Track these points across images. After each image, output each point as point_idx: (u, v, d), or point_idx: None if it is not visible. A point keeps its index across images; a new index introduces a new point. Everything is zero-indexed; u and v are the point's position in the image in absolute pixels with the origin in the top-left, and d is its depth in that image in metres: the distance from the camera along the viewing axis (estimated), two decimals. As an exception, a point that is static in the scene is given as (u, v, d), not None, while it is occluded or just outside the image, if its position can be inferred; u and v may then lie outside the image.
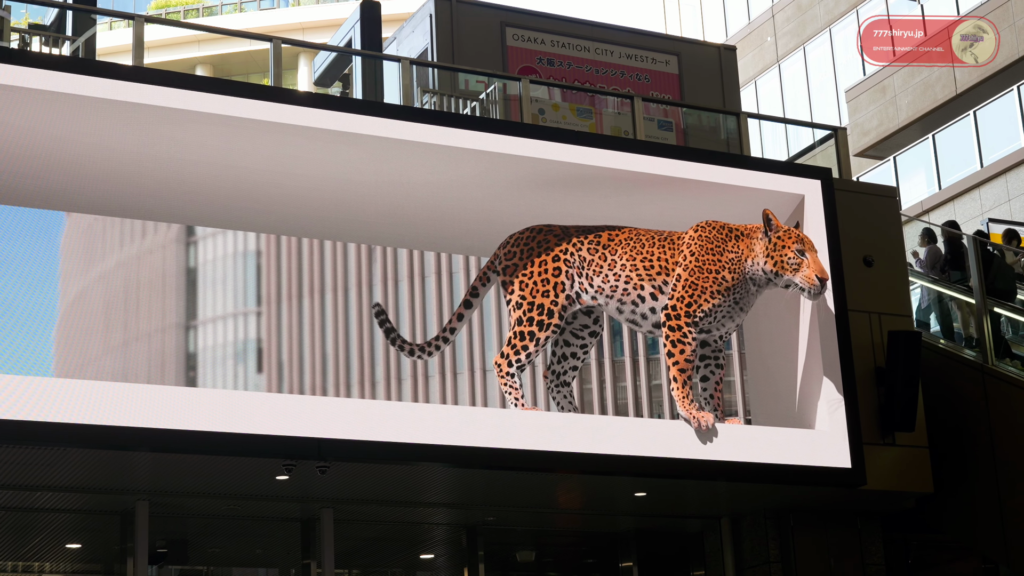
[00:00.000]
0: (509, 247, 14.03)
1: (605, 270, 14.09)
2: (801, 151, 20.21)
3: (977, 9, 28.54)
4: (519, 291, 13.95)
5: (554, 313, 13.95)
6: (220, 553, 16.84)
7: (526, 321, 13.88)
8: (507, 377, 13.75)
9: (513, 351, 13.83)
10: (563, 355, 14.19)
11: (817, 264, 14.04)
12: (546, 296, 13.96)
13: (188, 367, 12.93)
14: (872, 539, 16.29)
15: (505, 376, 13.74)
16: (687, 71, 18.99)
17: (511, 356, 13.82)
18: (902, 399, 15.32)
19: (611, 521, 17.06)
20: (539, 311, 13.92)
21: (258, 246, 13.31)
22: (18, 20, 17.39)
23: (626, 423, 14.16)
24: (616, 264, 14.12)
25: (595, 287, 14.12)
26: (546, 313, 13.92)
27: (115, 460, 12.84)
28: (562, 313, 14.03)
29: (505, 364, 13.79)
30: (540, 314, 13.91)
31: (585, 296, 14.12)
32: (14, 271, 12.21)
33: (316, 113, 13.47)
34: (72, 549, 15.75)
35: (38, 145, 12.30)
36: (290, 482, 13.69)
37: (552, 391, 14.09)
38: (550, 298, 13.97)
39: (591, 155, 14.54)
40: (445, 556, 17.51)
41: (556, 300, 14.00)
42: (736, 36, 37.27)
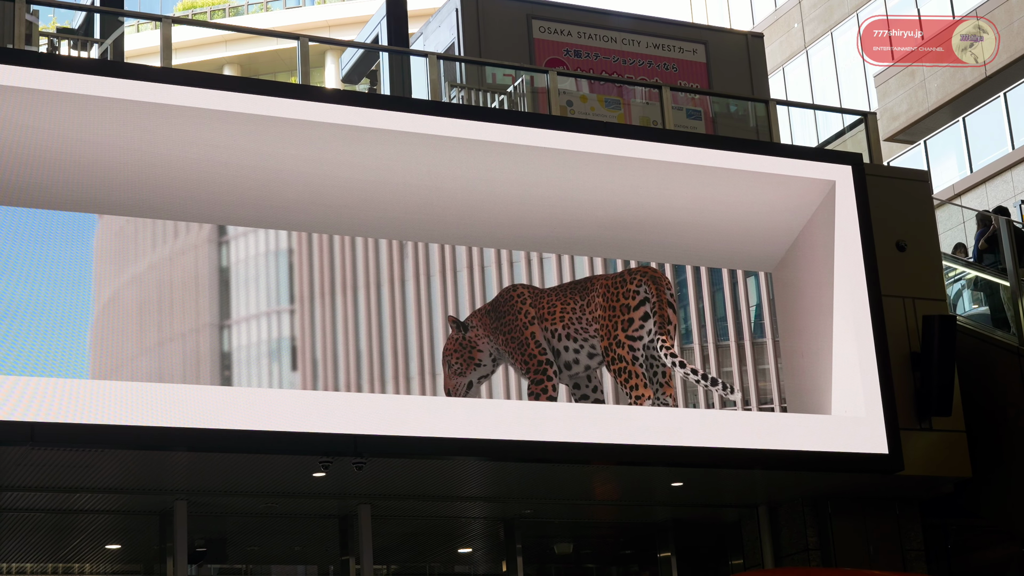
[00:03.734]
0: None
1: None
2: (831, 137, 20.12)
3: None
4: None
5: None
6: (259, 551, 16.90)
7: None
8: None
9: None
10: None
11: None
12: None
13: (223, 366, 12.97)
14: (911, 525, 16.23)
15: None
16: (715, 59, 18.92)
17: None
18: (938, 384, 15.26)
19: (648, 512, 17.05)
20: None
21: (290, 244, 13.34)
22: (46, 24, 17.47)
23: (661, 413, 14.13)
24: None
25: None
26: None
27: (153, 460, 12.90)
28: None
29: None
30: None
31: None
32: (48, 274, 12.27)
33: (344, 110, 13.49)
34: (112, 550, 15.82)
35: (68, 149, 12.34)
36: (327, 479, 13.72)
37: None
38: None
39: (620, 146, 14.52)
40: (483, 550, 17.53)
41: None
42: (763, 23, 37.15)
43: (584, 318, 14.04)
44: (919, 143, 31.48)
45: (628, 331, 14.16)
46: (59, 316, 12.25)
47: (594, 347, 14.04)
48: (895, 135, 31.63)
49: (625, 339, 14.11)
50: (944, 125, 30.86)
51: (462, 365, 13.57)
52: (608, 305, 14.17)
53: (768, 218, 15.06)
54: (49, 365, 11.98)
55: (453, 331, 13.60)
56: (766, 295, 15.13)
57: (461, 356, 13.56)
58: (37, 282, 12.19)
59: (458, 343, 13.56)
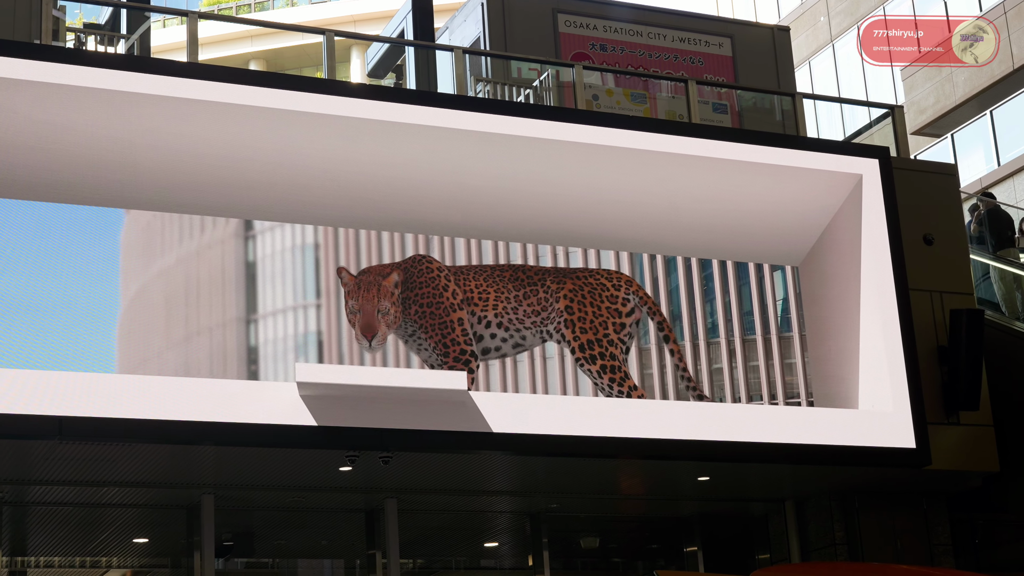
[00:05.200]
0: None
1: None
2: (857, 131, 20.07)
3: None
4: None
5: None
6: (285, 545, 16.93)
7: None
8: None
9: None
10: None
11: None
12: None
13: (250, 360, 13.00)
14: (938, 519, 16.18)
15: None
16: (741, 53, 18.89)
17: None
18: (966, 377, 15.21)
19: (674, 506, 17.03)
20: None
21: (316, 239, 13.36)
22: (73, 20, 17.53)
23: (687, 407, 14.12)
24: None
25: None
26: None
27: (180, 455, 12.94)
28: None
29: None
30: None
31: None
32: (76, 269, 12.32)
33: (370, 104, 13.50)
34: (139, 543, 15.87)
35: (95, 144, 12.38)
36: (353, 473, 13.75)
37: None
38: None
39: (646, 140, 14.50)
40: (509, 544, 17.54)
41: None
42: (789, 16, 37.05)
43: (521, 309, 13.93)
44: (946, 137, 31.33)
45: (620, 333, 14.14)
46: (87, 311, 12.31)
47: (523, 338, 13.94)
48: (922, 129, 31.50)
49: (618, 339, 14.09)
50: (971, 118, 30.71)
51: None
52: (591, 303, 14.08)
53: (795, 212, 15.03)
54: (77, 360, 12.04)
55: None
56: (793, 289, 15.10)
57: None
58: (65, 277, 12.24)
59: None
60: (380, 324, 13.26)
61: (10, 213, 12.15)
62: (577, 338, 13.91)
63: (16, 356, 11.81)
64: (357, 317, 13.25)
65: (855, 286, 14.91)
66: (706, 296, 14.71)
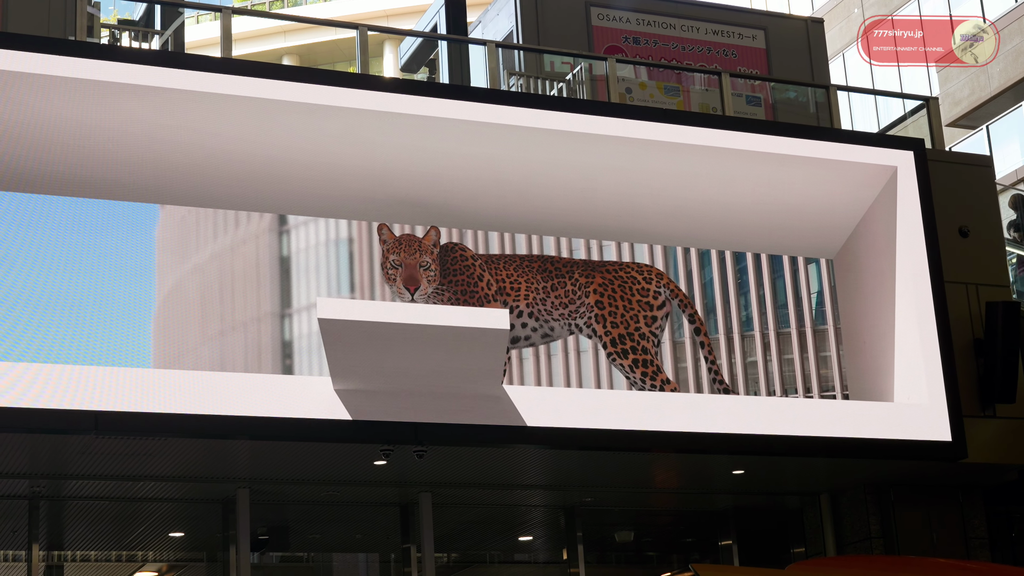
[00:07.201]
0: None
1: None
2: (892, 123, 20.00)
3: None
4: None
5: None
6: (320, 539, 16.99)
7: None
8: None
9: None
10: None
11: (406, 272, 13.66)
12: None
13: (284, 355, 13.03)
14: (975, 513, 16.12)
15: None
16: (774, 45, 18.85)
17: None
18: (1002, 370, 15.15)
19: (709, 499, 17.01)
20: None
21: (350, 233, 13.38)
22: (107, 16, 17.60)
23: (722, 400, 14.10)
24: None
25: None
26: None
27: (215, 449, 12.99)
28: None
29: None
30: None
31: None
32: (111, 264, 12.37)
33: (403, 99, 13.50)
34: (175, 537, 15.95)
35: (129, 139, 12.42)
36: (388, 467, 13.77)
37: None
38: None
39: (680, 133, 14.47)
40: (543, 538, 17.55)
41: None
42: (823, 8, 36.90)
43: (549, 300, 13.91)
44: (981, 128, 31.16)
45: (652, 327, 14.12)
46: (122, 306, 12.35)
47: (552, 329, 13.90)
48: (957, 120, 31.35)
49: (649, 333, 14.07)
50: (1007, 110, 30.55)
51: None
52: (622, 297, 14.05)
53: (829, 204, 14.97)
54: (112, 355, 12.09)
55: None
56: (827, 282, 15.06)
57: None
58: (100, 273, 12.29)
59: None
60: (422, 278, 13.31)
61: (46, 209, 12.20)
62: (608, 333, 13.89)
63: (52, 351, 11.87)
64: (399, 271, 13.29)
65: (890, 279, 14.86)
66: (740, 289, 14.67)
